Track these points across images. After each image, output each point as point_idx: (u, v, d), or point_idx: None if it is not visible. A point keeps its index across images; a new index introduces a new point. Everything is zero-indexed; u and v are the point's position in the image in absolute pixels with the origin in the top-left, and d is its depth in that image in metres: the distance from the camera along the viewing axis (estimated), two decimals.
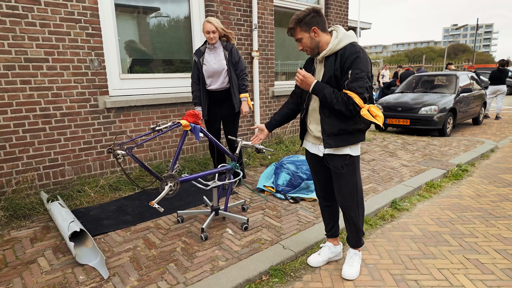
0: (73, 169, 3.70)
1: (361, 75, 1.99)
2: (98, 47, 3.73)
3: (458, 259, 2.56)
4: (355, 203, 2.30)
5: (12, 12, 3.18)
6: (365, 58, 2.03)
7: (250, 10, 5.09)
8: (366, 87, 2.01)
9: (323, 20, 2.10)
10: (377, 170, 4.63)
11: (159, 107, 4.27)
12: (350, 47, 2.05)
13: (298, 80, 2.15)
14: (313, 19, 2.06)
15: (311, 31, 2.08)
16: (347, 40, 2.07)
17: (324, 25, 2.11)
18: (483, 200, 3.71)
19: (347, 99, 2.00)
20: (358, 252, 2.47)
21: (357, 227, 2.37)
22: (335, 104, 2.03)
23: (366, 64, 2.03)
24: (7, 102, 3.25)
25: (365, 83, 2.00)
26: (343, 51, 2.05)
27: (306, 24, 2.07)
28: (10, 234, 2.85)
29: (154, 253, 2.57)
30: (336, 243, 2.55)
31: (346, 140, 2.14)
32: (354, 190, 2.27)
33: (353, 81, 2.00)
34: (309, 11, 2.07)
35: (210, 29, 3.50)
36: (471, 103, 8.35)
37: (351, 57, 2.01)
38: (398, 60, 44.75)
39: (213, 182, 2.91)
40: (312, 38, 2.09)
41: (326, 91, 2.06)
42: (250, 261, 2.45)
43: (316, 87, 2.10)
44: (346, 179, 2.23)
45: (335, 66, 2.06)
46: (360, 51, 2.02)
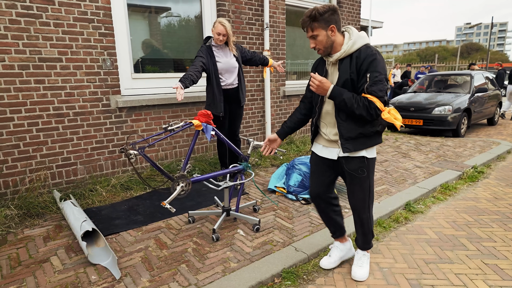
0: (85, 168, 3.73)
1: (380, 78, 1.96)
2: (110, 47, 3.74)
3: (476, 264, 2.49)
4: (367, 205, 2.26)
5: (27, 12, 3.21)
6: (381, 60, 1.99)
7: (262, 9, 5.05)
8: (385, 90, 1.98)
9: (340, 20, 2.05)
10: (390, 171, 4.55)
11: (170, 106, 4.27)
12: (366, 49, 2.00)
13: (314, 85, 2.05)
14: (332, 17, 2.00)
15: (329, 29, 2.01)
16: (361, 42, 2.02)
17: (340, 25, 2.06)
18: (501, 203, 3.61)
19: (368, 103, 1.96)
20: (367, 253, 2.43)
21: (368, 229, 2.33)
22: (356, 109, 1.98)
23: (384, 66, 1.99)
24: (21, 101, 3.28)
25: (384, 86, 1.97)
26: (358, 53, 2.00)
27: (325, 21, 1.99)
28: (23, 233, 2.87)
29: (166, 253, 2.56)
30: (345, 241, 2.50)
31: (364, 143, 2.10)
32: (368, 193, 2.23)
33: (373, 84, 1.95)
34: (329, 8, 2.00)
35: (222, 32, 3.57)
36: (486, 103, 8.18)
37: (368, 60, 1.96)
38: (409, 59, 44.17)
39: (224, 183, 2.89)
40: (328, 37, 2.02)
41: (345, 96, 2.00)
42: (262, 263, 2.42)
43: (334, 92, 2.03)
44: (361, 182, 2.18)
45: (351, 69, 2.01)
46: (376, 53, 1.98)
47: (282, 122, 5.70)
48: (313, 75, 2.06)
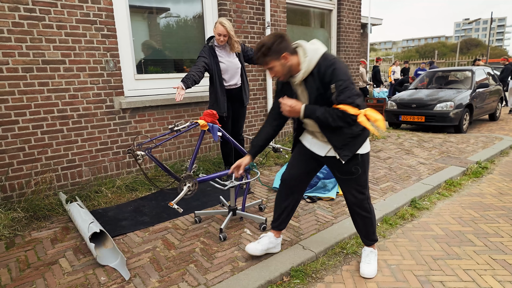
0: (90, 169, 3.73)
1: (345, 85, 1.94)
2: (113, 48, 3.74)
3: (484, 260, 2.49)
4: (366, 199, 2.27)
5: (30, 15, 3.21)
6: (342, 66, 1.97)
7: (263, 8, 5.05)
8: (354, 94, 1.95)
9: (289, 43, 2.03)
10: (394, 168, 4.55)
11: (174, 107, 4.27)
12: (323, 61, 1.98)
13: (286, 110, 2.08)
14: (280, 46, 1.98)
15: (282, 57, 2.00)
16: (317, 56, 2.00)
17: (291, 48, 2.03)
18: (506, 199, 3.61)
19: (341, 114, 1.95)
20: (374, 250, 2.44)
21: (371, 222, 2.33)
22: (332, 122, 1.99)
23: (346, 71, 1.97)
24: (25, 104, 3.28)
25: (352, 91, 1.94)
26: (317, 68, 1.98)
27: (275, 52, 1.98)
28: (31, 235, 2.88)
29: (174, 253, 2.56)
30: (278, 236, 2.52)
31: (358, 143, 2.12)
32: (365, 187, 2.24)
33: (340, 93, 1.94)
34: (275, 37, 1.99)
35: (222, 33, 3.56)
36: (487, 98, 8.18)
37: (328, 71, 1.95)
38: (409, 56, 44.15)
39: (230, 182, 2.89)
40: (284, 65, 2.02)
41: (318, 113, 2.01)
42: (271, 262, 2.43)
43: (307, 112, 2.05)
44: (357, 179, 2.19)
45: (316, 84, 2.01)
46: (335, 62, 1.96)
47: None
48: (282, 100, 2.07)
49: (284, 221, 2.48)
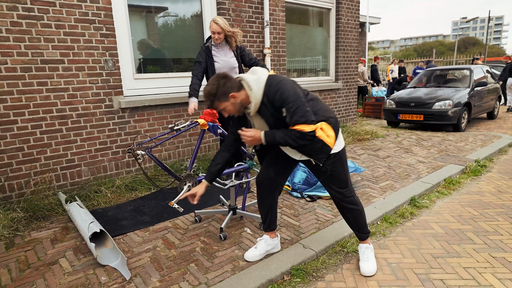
0: (89, 169, 3.72)
1: (295, 106, 1.95)
2: (112, 48, 3.73)
3: (484, 258, 2.50)
4: (351, 192, 2.28)
5: (28, 14, 3.20)
6: (288, 88, 1.97)
7: (262, 7, 5.04)
8: (306, 111, 1.96)
9: (233, 81, 2.04)
10: (393, 167, 4.56)
11: (173, 106, 4.26)
12: (268, 88, 1.99)
13: (247, 141, 2.12)
14: (225, 87, 2.00)
15: (230, 97, 2.02)
16: (260, 86, 2.00)
17: (236, 84, 2.04)
18: (505, 197, 3.62)
19: (299, 134, 1.97)
20: (369, 245, 2.44)
21: (360, 213, 2.33)
22: (293, 143, 2.01)
23: (293, 91, 1.97)
24: (24, 104, 3.27)
25: (302, 109, 1.95)
26: (266, 97, 2.00)
27: (222, 94, 2.01)
28: (30, 235, 2.87)
29: (174, 253, 2.56)
30: (274, 236, 2.52)
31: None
32: (346, 181, 2.25)
33: (292, 116, 1.96)
34: (218, 81, 2.01)
35: (216, 30, 3.51)
36: (485, 97, 8.20)
37: (276, 97, 1.96)
38: (407, 54, 44.23)
39: (230, 181, 2.89)
40: (234, 104, 2.05)
41: (276, 136, 2.04)
42: (271, 261, 2.43)
43: (268, 138, 2.08)
44: (337, 174, 2.20)
45: (270, 112, 2.03)
46: (280, 85, 1.97)
47: None
48: (242, 132, 2.11)
49: (273, 221, 2.49)
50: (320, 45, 6.48)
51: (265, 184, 2.37)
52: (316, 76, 6.50)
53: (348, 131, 6.42)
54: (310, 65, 6.40)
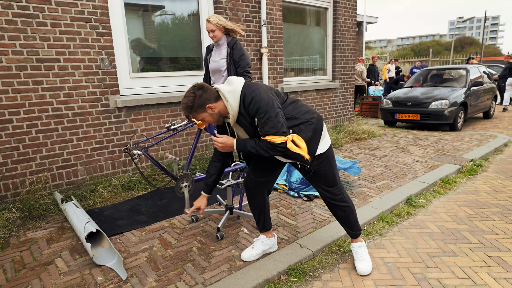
0: (85, 169, 3.70)
1: (267, 116, 1.93)
2: (108, 46, 3.71)
3: (480, 257, 2.51)
4: (340, 190, 2.28)
5: (23, 12, 3.17)
6: (261, 97, 1.95)
7: (259, 6, 5.04)
8: (277, 122, 1.94)
9: (210, 91, 2.03)
10: (389, 166, 4.57)
11: (169, 105, 4.25)
12: (243, 99, 1.99)
13: (219, 146, 2.12)
14: (201, 99, 1.99)
15: (207, 109, 2.02)
16: (236, 97, 1.99)
17: (213, 95, 2.03)
18: (501, 196, 3.64)
19: (270, 145, 1.97)
20: (362, 243, 2.44)
21: (350, 210, 2.33)
22: (264, 153, 2.01)
23: (266, 100, 1.95)
24: (19, 103, 3.25)
25: (274, 120, 1.93)
26: (242, 107, 2.00)
27: (199, 106, 2.01)
28: (26, 235, 2.85)
29: (171, 253, 2.55)
30: (270, 236, 2.52)
31: (314, 144, 2.10)
32: (334, 179, 2.25)
33: (263, 125, 1.95)
34: (194, 93, 1.99)
35: (209, 29, 3.43)
36: (481, 96, 8.24)
37: (250, 107, 1.96)
38: (404, 54, 44.31)
39: (227, 181, 2.89)
40: (212, 114, 2.05)
41: (248, 145, 2.05)
42: (268, 261, 2.43)
43: (239, 147, 2.09)
44: (325, 174, 2.20)
45: (248, 121, 2.03)
46: (254, 96, 1.95)
47: None
48: (214, 138, 2.12)
49: (266, 221, 2.49)
50: (318, 44, 6.48)
51: (252, 186, 2.37)
52: (313, 76, 6.50)
53: (345, 130, 6.43)
54: (307, 64, 6.40)
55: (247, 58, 3.55)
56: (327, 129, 5.66)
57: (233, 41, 3.53)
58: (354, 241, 2.45)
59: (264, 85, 2.08)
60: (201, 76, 4.68)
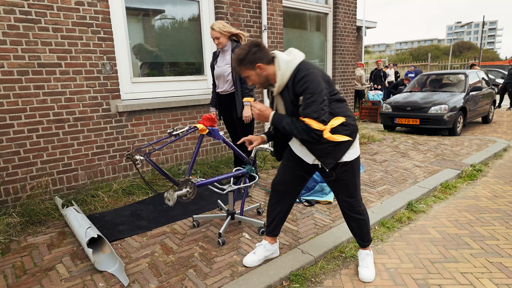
0: (86, 173, 3.70)
1: (313, 99, 1.91)
2: (109, 51, 3.72)
3: (481, 263, 2.51)
4: (358, 202, 2.28)
5: (25, 17, 3.18)
6: (314, 78, 1.93)
7: (260, 11, 5.06)
8: (321, 109, 1.91)
9: (265, 52, 2.02)
10: (390, 171, 4.58)
11: (170, 110, 4.25)
12: (297, 73, 1.96)
13: (255, 114, 2.09)
14: (255, 56, 1.99)
15: (256, 68, 2.01)
16: (290, 68, 1.98)
17: (267, 57, 2.02)
18: (501, 201, 3.65)
19: (306, 127, 1.94)
20: (370, 252, 2.45)
21: (365, 223, 2.34)
22: (296, 134, 1.98)
23: (317, 84, 1.92)
24: (21, 107, 3.25)
25: (319, 104, 1.91)
26: (291, 81, 1.98)
27: (250, 62, 2.00)
28: (26, 241, 2.84)
29: (172, 258, 2.55)
30: (273, 242, 2.51)
31: (341, 150, 2.08)
32: (355, 191, 2.25)
33: (306, 107, 1.92)
34: (249, 47, 1.99)
35: (214, 36, 3.47)
36: (480, 101, 8.27)
37: (299, 84, 1.94)
38: (402, 58, 44.50)
39: (229, 186, 2.89)
40: (259, 75, 2.03)
41: (284, 122, 2.01)
42: (270, 267, 2.42)
43: (274, 120, 2.06)
44: (347, 183, 2.20)
45: (291, 97, 2.00)
46: (308, 74, 1.93)
47: None
48: (253, 103, 2.09)
49: (277, 227, 2.47)
50: (318, 49, 6.51)
51: (279, 189, 2.36)
52: None
53: None
54: None
55: None
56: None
57: (237, 47, 3.53)
58: (362, 249, 2.46)
59: (321, 71, 2.03)
60: (202, 81, 4.70)
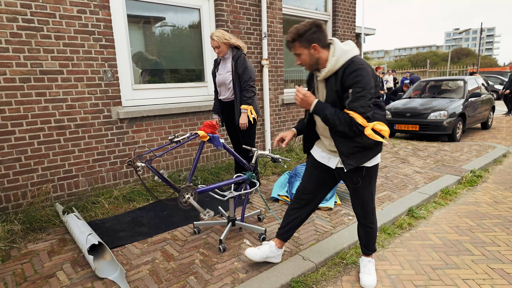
0: (87, 180, 3.70)
1: (362, 94, 1.88)
2: (111, 58, 3.75)
3: (483, 269, 2.51)
4: (371, 211, 2.30)
5: (28, 25, 3.21)
6: (366, 75, 1.90)
7: (260, 18, 5.11)
8: (368, 105, 1.90)
9: (324, 35, 1.99)
10: (390, 177, 4.59)
11: (171, 116, 4.27)
12: (350, 64, 1.93)
13: (298, 99, 2.06)
14: (313, 35, 1.95)
15: (311, 47, 1.97)
16: (345, 57, 1.95)
17: (324, 41, 1.99)
18: (501, 207, 3.65)
19: (349, 120, 1.91)
20: (372, 259, 2.45)
21: (373, 233, 2.37)
22: (338, 125, 1.95)
23: (368, 80, 1.90)
24: (22, 114, 3.26)
25: (367, 101, 1.89)
26: (342, 70, 1.94)
27: (306, 40, 1.96)
28: (27, 247, 2.83)
29: (173, 265, 2.54)
30: (280, 246, 2.50)
31: (366, 155, 2.08)
32: (370, 199, 2.27)
33: (354, 100, 1.89)
34: (310, 25, 1.95)
35: (213, 45, 3.50)
36: (479, 107, 8.30)
37: (351, 76, 1.90)
38: (401, 65, 44.72)
39: (229, 193, 2.89)
40: (311, 55, 1.99)
41: (327, 111, 1.97)
42: (271, 273, 2.42)
43: (317, 108, 2.02)
44: (362, 190, 2.21)
45: (336, 86, 1.97)
46: (360, 67, 1.90)
47: (281, 130, 5.72)
48: (297, 88, 2.05)
49: (289, 232, 2.47)
50: None
51: (302, 197, 2.37)
52: None
53: None
54: (307, 75, 6.46)
55: (250, 71, 3.56)
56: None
57: (237, 54, 3.55)
58: (364, 255, 2.46)
59: (372, 69, 2.00)
60: (202, 87, 4.73)
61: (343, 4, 6.52)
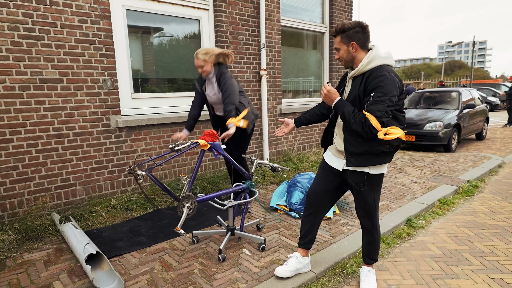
0: (84, 189, 3.67)
1: (382, 99, 1.96)
2: (111, 68, 3.76)
3: (483, 279, 2.51)
4: (374, 219, 2.32)
5: (29, 34, 3.22)
6: (389, 82, 1.98)
7: (258, 30, 5.17)
8: (386, 111, 1.96)
9: (366, 38, 2.10)
10: (388, 187, 4.60)
11: (170, 125, 4.27)
12: (377, 69, 2.02)
13: (322, 94, 2.20)
14: (355, 34, 2.07)
15: (350, 45, 2.09)
16: (376, 63, 2.05)
17: (365, 43, 2.10)
18: (499, 217, 3.67)
19: (364, 120, 1.99)
20: (372, 269, 2.46)
21: (375, 241, 2.38)
22: (352, 123, 2.03)
23: (391, 88, 1.97)
24: (21, 122, 3.25)
25: (386, 107, 1.96)
26: (370, 73, 2.04)
27: (348, 37, 2.08)
28: (23, 257, 2.79)
29: (172, 275, 2.51)
30: (305, 255, 2.52)
31: (369, 160, 2.13)
32: (373, 206, 2.28)
33: (373, 103, 1.98)
34: (355, 24, 2.07)
35: (197, 65, 3.33)
36: (474, 118, 8.41)
37: (375, 80, 1.99)
38: None
39: (229, 202, 2.88)
40: (349, 52, 2.11)
41: (346, 109, 2.08)
42: (271, 283, 2.40)
43: (338, 104, 2.14)
44: (364, 195, 2.24)
45: (360, 87, 2.07)
46: (386, 74, 1.98)
47: (279, 140, 5.74)
48: (325, 84, 2.18)
49: (312, 239, 2.49)
50: (314, 66, 6.62)
51: (311, 200, 2.41)
52: (310, 97, 6.61)
53: None
54: (304, 86, 6.52)
55: (230, 89, 3.30)
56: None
57: (219, 72, 3.37)
58: (365, 265, 2.46)
59: (400, 81, 2.07)
60: None
61: (340, 17, 6.62)
